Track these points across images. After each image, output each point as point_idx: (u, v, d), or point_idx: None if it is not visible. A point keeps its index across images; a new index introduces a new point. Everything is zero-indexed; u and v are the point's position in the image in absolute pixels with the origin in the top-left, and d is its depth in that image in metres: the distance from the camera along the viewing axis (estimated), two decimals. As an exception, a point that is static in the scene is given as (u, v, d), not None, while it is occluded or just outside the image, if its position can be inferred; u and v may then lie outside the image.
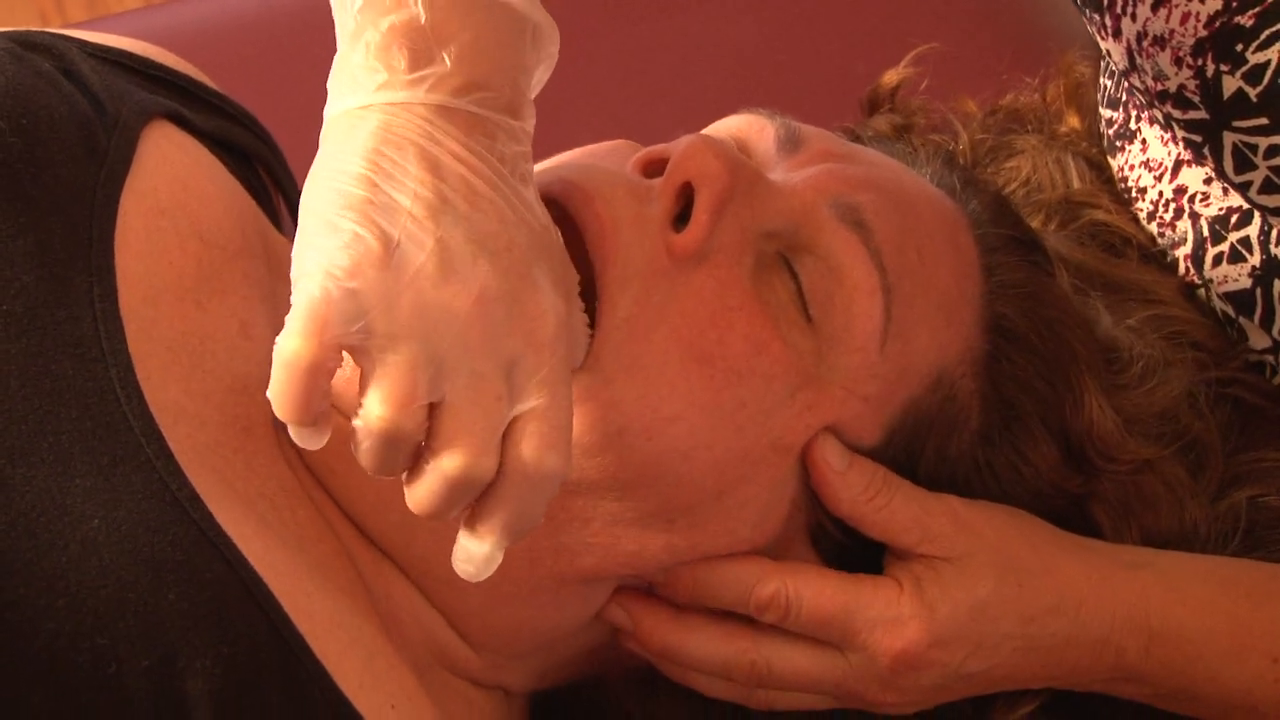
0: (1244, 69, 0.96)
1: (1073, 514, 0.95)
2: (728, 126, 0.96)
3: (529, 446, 0.75)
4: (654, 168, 0.90)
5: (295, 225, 0.96)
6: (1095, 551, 0.93)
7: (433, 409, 0.74)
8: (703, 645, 0.91)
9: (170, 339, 0.87)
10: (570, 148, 0.95)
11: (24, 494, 0.75)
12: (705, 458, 0.85)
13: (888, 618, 0.88)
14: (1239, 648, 0.92)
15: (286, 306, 0.97)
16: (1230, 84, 0.97)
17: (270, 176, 1.08)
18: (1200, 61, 0.97)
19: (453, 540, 0.79)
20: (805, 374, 0.86)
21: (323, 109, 0.79)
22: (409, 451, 0.75)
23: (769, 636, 0.90)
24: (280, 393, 0.73)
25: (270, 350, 0.91)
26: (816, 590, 0.89)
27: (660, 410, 0.84)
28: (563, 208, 0.85)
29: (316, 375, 0.72)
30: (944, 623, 0.88)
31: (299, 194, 1.08)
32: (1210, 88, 0.98)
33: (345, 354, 0.74)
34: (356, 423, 0.74)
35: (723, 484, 0.86)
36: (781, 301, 0.87)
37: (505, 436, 0.76)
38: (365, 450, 0.74)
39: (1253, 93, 0.96)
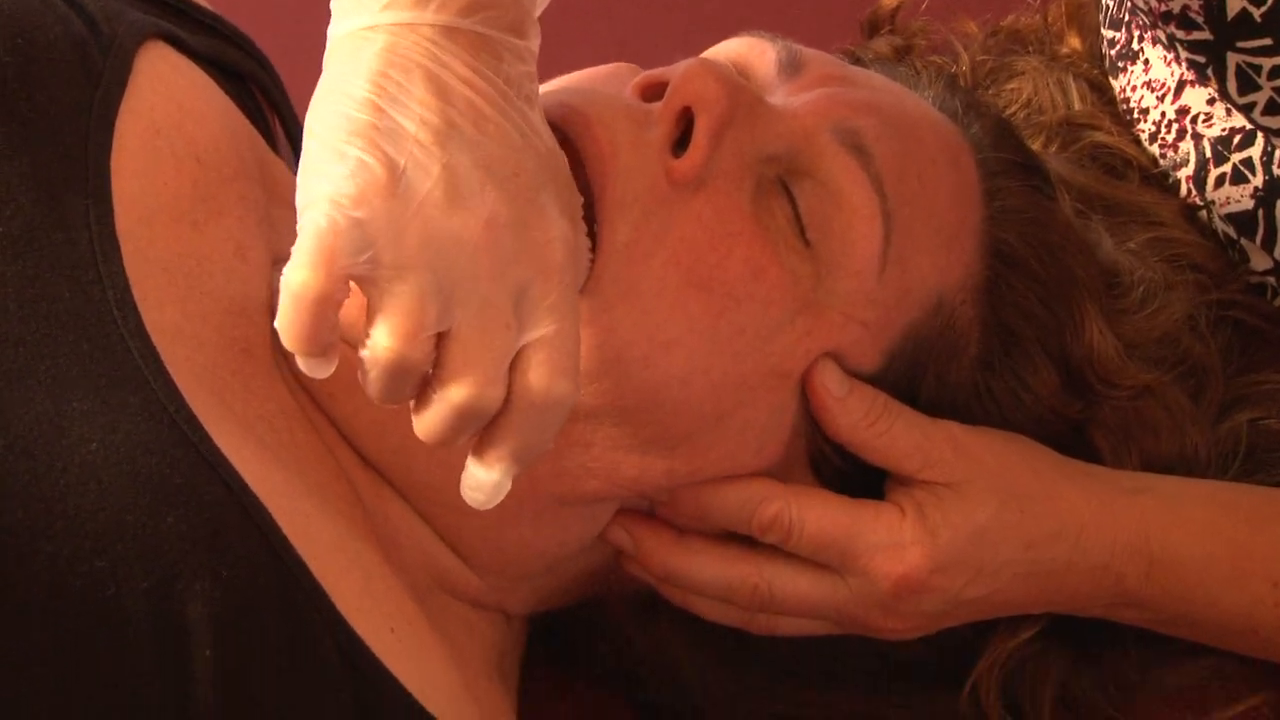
0: None
1: (1073, 440, 0.95)
2: (728, 49, 0.96)
3: (537, 374, 0.75)
4: (653, 91, 0.89)
5: (292, 147, 0.95)
6: (1096, 477, 0.93)
7: (440, 338, 0.74)
8: (705, 568, 0.91)
9: (166, 261, 0.86)
10: (570, 70, 0.94)
11: (21, 416, 0.75)
12: (703, 382, 0.85)
13: (889, 543, 0.88)
14: (1239, 572, 0.92)
15: (283, 229, 0.96)
16: (1234, 4, 0.96)
17: (266, 98, 1.08)
18: None
19: (452, 464, 0.79)
20: (804, 299, 0.86)
21: (318, 31, 0.78)
22: (416, 381, 0.75)
23: (771, 560, 0.90)
24: (288, 324, 0.72)
25: (266, 272, 0.91)
26: (819, 513, 0.89)
27: (657, 336, 0.84)
28: (562, 132, 0.85)
29: (325, 306, 0.72)
30: (945, 548, 0.88)
31: (295, 116, 1.08)
32: (1214, 8, 0.97)
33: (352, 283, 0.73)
34: (364, 353, 0.74)
35: (721, 409, 0.86)
36: (780, 226, 0.86)
37: (513, 365, 0.75)
38: (372, 380, 0.74)
39: (1257, 13, 0.96)
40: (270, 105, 1.08)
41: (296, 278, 0.72)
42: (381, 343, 0.73)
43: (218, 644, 0.73)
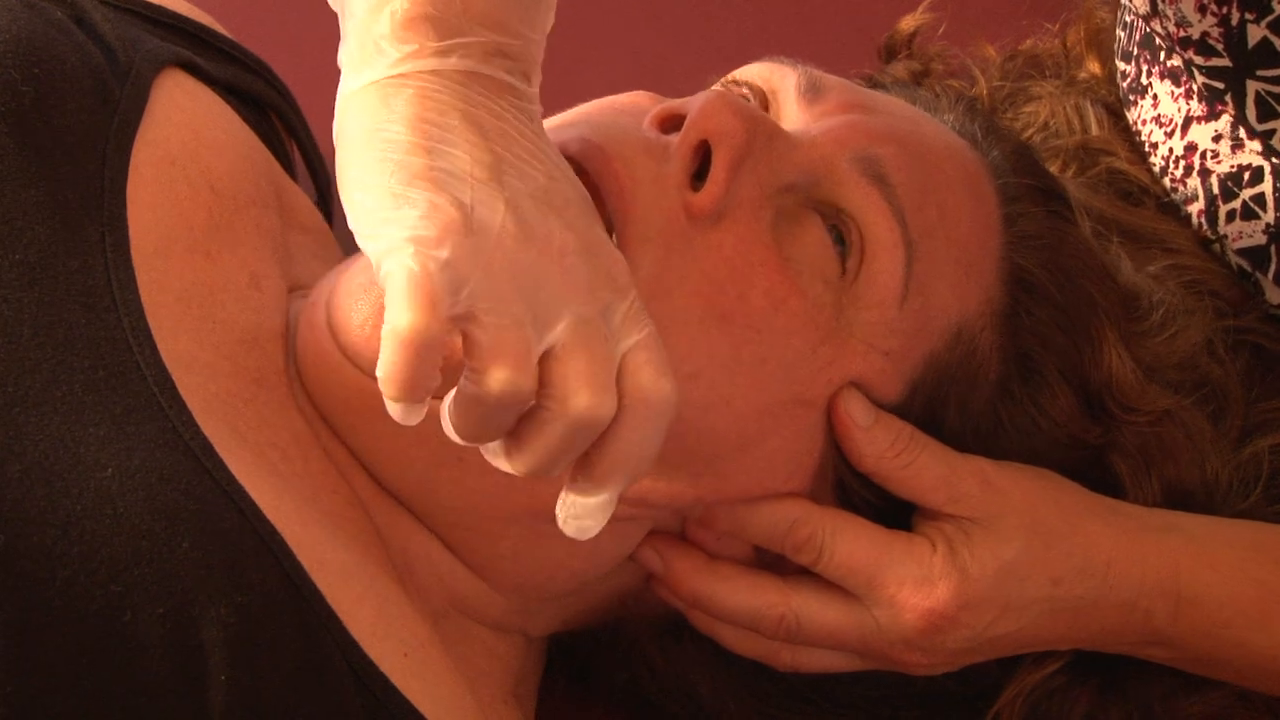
0: (1270, 18, 0.95)
1: (1093, 466, 0.95)
2: (750, 74, 0.96)
3: (646, 374, 0.75)
4: (671, 124, 0.89)
5: (311, 175, 0.94)
6: (1123, 514, 0.93)
7: (543, 362, 0.73)
8: (733, 594, 0.91)
9: (181, 289, 0.87)
10: (589, 98, 0.94)
11: (37, 442, 0.75)
12: (725, 411, 0.85)
13: (918, 576, 0.88)
14: (1267, 614, 0.91)
15: (299, 256, 0.97)
16: (1255, 33, 0.96)
17: (284, 126, 1.08)
18: (1225, 10, 0.96)
19: (477, 490, 0.79)
20: (826, 329, 0.86)
21: (337, 60, 0.78)
22: (520, 413, 0.74)
23: (800, 590, 0.90)
24: (393, 371, 0.70)
25: (281, 301, 0.91)
26: (853, 538, 0.89)
27: (678, 368, 0.83)
28: (581, 167, 0.85)
29: (432, 350, 0.70)
30: (974, 585, 0.88)
31: (313, 144, 1.08)
32: (1234, 36, 0.97)
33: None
34: (472, 390, 0.72)
35: (745, 437, 0.86)
36: (802, 256, 0.86)
37: (618, 375, 0.75)
38: (477, 417, 0.73)
39: (1278, 42, 0.95)
40: (288, 132, 1.08)
41: (403, 322, 0.70)
42: (494, 374, 0.71)
43: (232, 668, 0.73)
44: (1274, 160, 1.04)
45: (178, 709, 0.72)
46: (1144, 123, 1.15)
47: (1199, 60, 1.00)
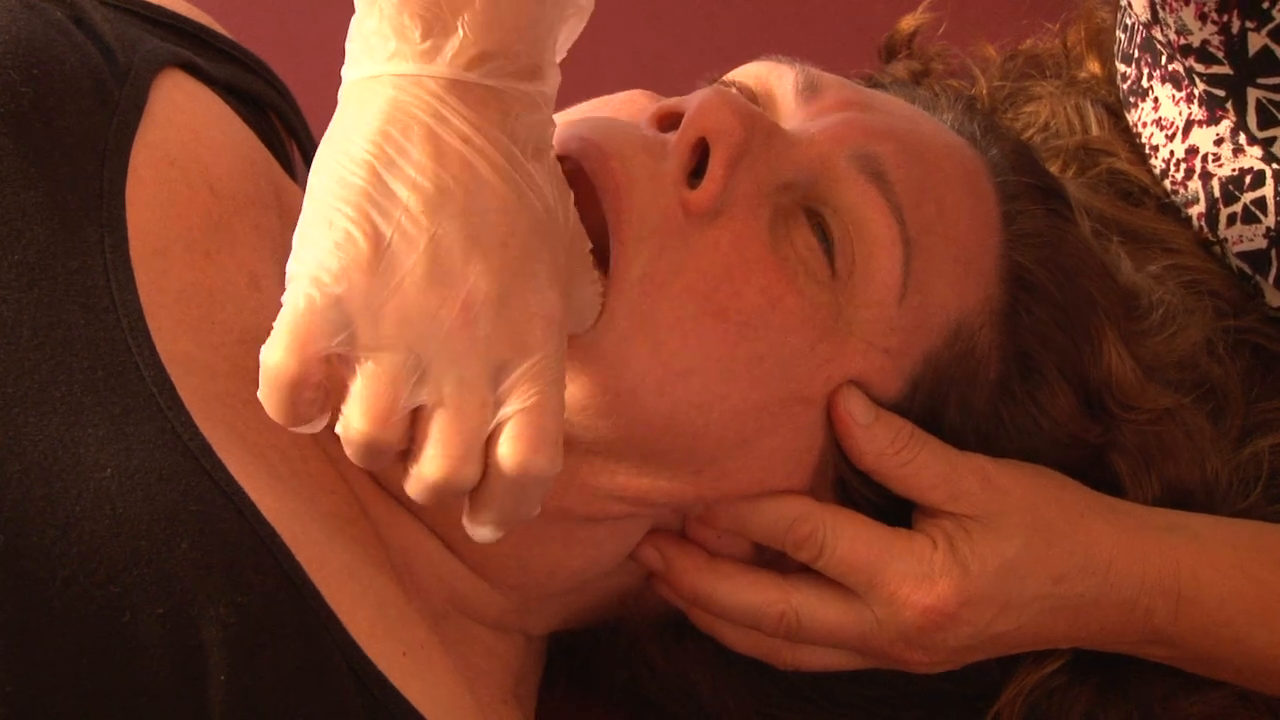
0: (1270, 26, 0.95)
1: (1093, 465, 0.95)
2: (747, 73, 0.95)
3: (514, 450, 0.75)
4: (669, 122, 0.89)
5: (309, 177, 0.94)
6: (1124, 513, 0.93)
7: (415, 414, 0.75)
8: (734, 592, 0.90)
9: (180, 290, 0.87)
10: (589, 96, 0.94)
11: (36, 443, 0.75)
12: (721, 409, 0.85)
13: (918, 573, 0.88)
14: (1267, 613, 0.91)
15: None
16: (1256, 41, 0.96)
17: (284, 124, 1.08)
18: (1225, 18, 0.96)
19: None
20: (824, 327, 0.86)
21: (336, 58, 0.78)
22: (392, 456, 0.76)
23: (800, 588, 0.90)
24: (267, 399, 0.74)
25: (280, 302, 0.91)
26: (853, 535, 0.89)
27: (672, 365, 0.83)
28: (579, 165, 0.85)
29: (299, 387, 0.73)
30: (974, 582, 0.88)
31: (313, 143, 1.08)
32: (1235, 44, 0.97)
33: None
34: (337, 428, 0.74)
35: (743, 434, 0.86)
36: (799, 254, 0.86)
37: (490, 439, 0.76)
38: (350, 453, 0.75)
39: (1279, 50, 0.95)
40: (288, 132, 1.08)
41: (271, 359, 0.73)
42: (354, 423, 0.74)
43: (232, 668, 0.73)
44: (1275, 166, 1.04)
45: (177, 709, 0.72)
46: (1144, 125, 1.15)
47: (1200, 68, 1.00)
